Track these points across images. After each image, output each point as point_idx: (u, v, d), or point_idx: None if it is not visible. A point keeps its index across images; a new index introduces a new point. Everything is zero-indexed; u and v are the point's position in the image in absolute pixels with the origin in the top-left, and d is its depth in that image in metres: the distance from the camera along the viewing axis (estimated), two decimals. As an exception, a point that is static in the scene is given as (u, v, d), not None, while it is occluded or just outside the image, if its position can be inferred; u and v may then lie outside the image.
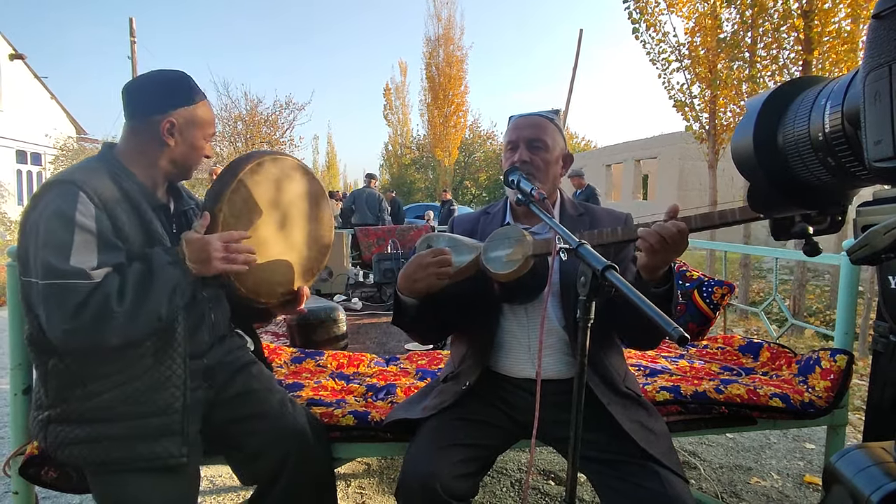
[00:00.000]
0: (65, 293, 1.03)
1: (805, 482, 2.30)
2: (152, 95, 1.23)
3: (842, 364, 1.62)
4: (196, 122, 1.25)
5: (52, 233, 1.06)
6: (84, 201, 1.08)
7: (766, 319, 2.36)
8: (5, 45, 13.54)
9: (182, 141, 1.24)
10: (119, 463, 1.13)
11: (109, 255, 1.10)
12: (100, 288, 1.05)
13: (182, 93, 1.25)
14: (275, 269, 1.36)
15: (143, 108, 1.22)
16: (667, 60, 6.34)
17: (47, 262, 1.04)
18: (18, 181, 14.11)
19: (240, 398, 1.33)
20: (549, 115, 1.38)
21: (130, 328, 1.07)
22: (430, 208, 14.60)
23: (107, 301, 1.04)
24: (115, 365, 1.13)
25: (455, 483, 1.14)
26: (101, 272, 1.07)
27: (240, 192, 1.27)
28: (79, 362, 1.12)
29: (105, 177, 1.16)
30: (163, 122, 1.21)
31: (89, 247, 1.07)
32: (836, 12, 4.73)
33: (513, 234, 1.22)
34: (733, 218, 1.06)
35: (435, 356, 2.14)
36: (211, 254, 1.14)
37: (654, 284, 1.12)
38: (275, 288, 1.38)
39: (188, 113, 1.24)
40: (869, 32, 0.44)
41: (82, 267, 1.04)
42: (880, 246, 0.48)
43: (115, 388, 1.13)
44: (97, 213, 1.09)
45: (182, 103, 1.23)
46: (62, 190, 1.09)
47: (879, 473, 0.53)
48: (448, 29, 23.08)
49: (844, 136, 0.49)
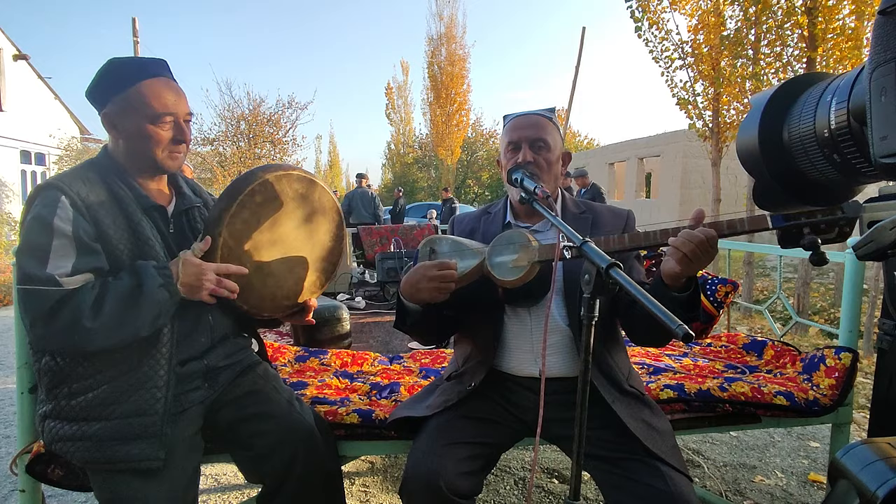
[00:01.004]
0: (35, 299, 1.04)
1: (809, 480, 2.29)
2: (91, 89, 1.19)
3: (846, 362, 1.62)
4: (130, 108, 1.15)
5: (31, 238, 1.07)
6: (64, 206, 1.08)
7: (770, 317, 2.36)
8: (9, 45, 13.58)
9: (124, 133, 1.18)
10: (101, 462, 1.13)
11: (86, 259, 1.09)
12: (72, 297, 1.05)
13: (108, 83, 1.17)
14: (280, 285, 1.34)
15: (93, 101, 1.19)
16: (670, 58, 6.33)
17: (22, 268, 1.06)
18: (23, 181, 14.15)
19: (247, 397, 1.33)
20: (546, 113, 1.38)
21: (106, 341, 1.07)
22: (432, 207, 14.61)
23: (77, 314, 1.04)
24: (97, 366, 1.13)
25: (459, 481, 1.14)
26: (76, 279, 1.07)
27: (241, 215, 1.21)
28: (67, 361, 1.13)
29: (96, 180, 1.16)
30: (102, 118, 1.18)
31: (65, 251, 1.07)
32: (840, 9, 4.71)
33: (517, 239, 1.21)
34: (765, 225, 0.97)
35: (438, 355, 2.14)
36: (203, 283, 1.14)
37: (676, 290, 1.09)
38: (280, 302, 1.36)
39: (119, 101, 1.16)
40: (875, 28, 0.44)
41: (53, 274, 1.04)
42: (886, 242, 0.48)
43: (97, 389, 1.13)
44: (75, 217, 1.08)
45: (112, 93, 1.16)
46: (44, 195, 1.10)
47: (885, 468, 0.53)
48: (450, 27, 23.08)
49: (850, 132, 0.49)
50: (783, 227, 0.68)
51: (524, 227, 1.38)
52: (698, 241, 1.02)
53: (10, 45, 13.63)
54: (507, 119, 1.41)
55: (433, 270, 1.19)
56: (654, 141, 15.51)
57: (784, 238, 0.70)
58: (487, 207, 1.51)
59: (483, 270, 1.23)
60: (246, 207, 1.22)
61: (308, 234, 1.37)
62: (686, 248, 1.02)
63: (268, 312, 1.35)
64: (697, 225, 1.05)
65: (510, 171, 1.29)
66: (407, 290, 1.24)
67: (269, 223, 1.27)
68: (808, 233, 0.67)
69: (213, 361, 1.30)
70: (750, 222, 0.98)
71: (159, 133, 1.17)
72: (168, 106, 1.18)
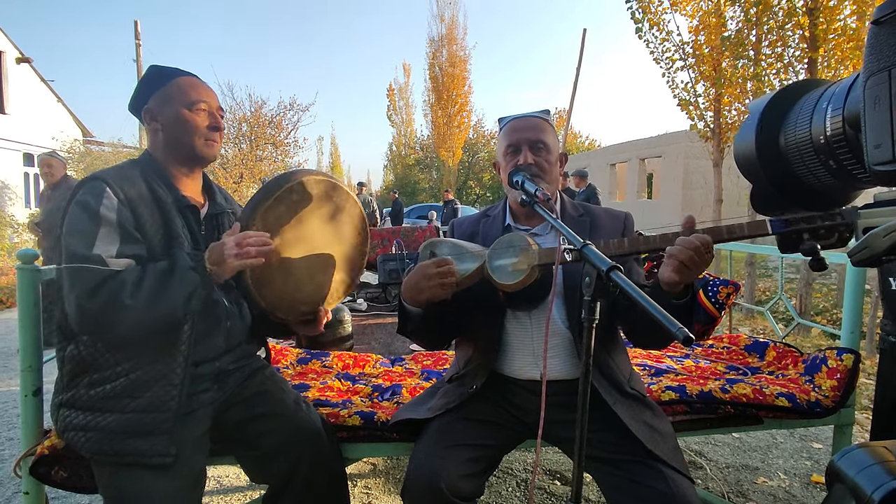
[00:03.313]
0: (83, 275, 1.10)
1: (812, 482, 2.29)
2: (135, 96, 1.32)
3: (848, 363, 1.62)
4: (169, 98, 1.28)
5: (77, 223, 1.15)
6: (109, 196, 1.16)
7: (771, 318, 2.36)
8: (12, 48, 13.64)
9: (163, 122, 1.28)
10: (109, 455, 1.15)
11: (129, 247, 1.16)
12: (116, 276, 1.11)
13: (152, 81, 1.29)
14: (299, 287, 1.34)
15: (135, 109, 1.32)
16: (671, 59, 6.34)
17: (70, 248, 1.13)
18: (26, 184, 14.19)
19: (254, 398, 1.35)
20: (543, 115, 1.39)
21: (142, 321, 1.11)
22: (433, 208, 14.62)
23: (120, 290, 1.09)
24: (118, 357, 1.16)
25: (461, 483, 1.14)
26: (121, 262, 1.13)
27: (274, 210, 1.25)
28: (90, 350, 1.16)
29: (137, 176, 1.24)
30: (144, 114, 1.30)
31: (111, 237, 1.14)
32: (842, 10, 4.71)
33: (517, 242, 1.21)
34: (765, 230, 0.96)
35: (440, 357, 2.14)
36: (224, 252, 1.17)
37: (674, 297, 1.08)
38: (297, 306, 1.36)
39: (160, 94, 1.28)
40: (868, 38, 0.44)
41: (100, 254, 1.11)
42: (880, 248, 0.48)
43: (115, 381, 1.16)
44: (119, 207, 1.16)
45: (154, 89, 1.29)
46: (90, 186, 1.18)
47: (881, 472, 0.53)
48: (451, 29, 23.13)
49: (845, 139, 0.50)
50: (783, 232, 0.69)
51: (524, 229, 1.38)
52: (694, 247, 1.01)
53: (12, 48, 13.69)
54: (504, 121, 1.41)
55: (432, 268, 1.20)
56: (655, 142, 15.51)
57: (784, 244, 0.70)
58: (486, 210, 1.51)
59: (483, 273, 1.24)
60: (282, 203, 1.26)
61: (335, 240, 1.40)
62: (683, 256, 1.02)
63: (282, 313, 1.35)
64: (690, 232, 1.05)
65: (511, 173, 1.29)
66: (408, 293, 1.25)
67: (300, 224, 1.31)
68: (808, 238, 0.67)
69: (224, 365, 1.32)
70: (750, 228, 0.97)
71: (195, 119, 1.28)
72: (202, 95, 1.30)
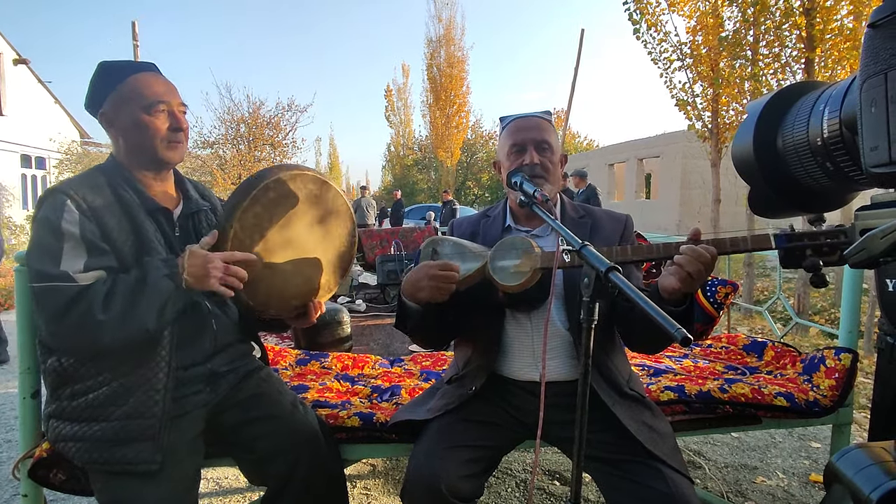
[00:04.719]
0: (51, 295, 1.07)
1: (811, 481, 2.29)
2: (89, 96, 1.23)
3: (846, 363, 1.62)
4: (124, 100, 1.19)
5: (40, 240, 1.12)
6: (69, 209, 1.12)
7: (770, 318, 2.37)
8: (9, 49, 13.60)
9: (121, 128, 1.21)
10: (100, 463, 1.14)
11: (97, 259, 1.12)
12: (86, 292, 1.07)
13: (104, 80, 1.20)
14: (289, 283, 1.31)
15: (91, 110, 1.24)
16: (668, 59, 6.33)
17: (35, 267, 1.10)
18: (23, 185, 14.15)
19: (250, 400, 1.34)
20: (545, 115, 1.39)
21: (115, 336, 1.08)
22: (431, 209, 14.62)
23: (90, 307, 1.06)
24: (98, 368, 1.15)
25: (460, 483, 1.14)
26: (89, 275, 1.09)
27: (252, 209, 1.20)
28: (71, 363, 1.15)
29: (102, 184, 1.19)
30: (100, 118, 1.22)
31: (76, 251, 1.10)
32: (838, 10, 4.72)
33: (520, 244, 1.21)
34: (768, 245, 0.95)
35: (439, 357, 2.15)
36: (210, 272, 1.12)
37: (672, 304, 1.08)
38: (288, 302, 1.34)
39: (115, 96, 1.20)
40: (864, 41, 0.44)
41: (66, 270, 1.08)
42: (877, 250, 0.49)
43: (97, 390, 1.15)
44: (82, 220, 1.12)
45: (108, 89, 1.20)
46: (51, 200, 1.14)
47: (879, 472, 0.54)
48: (449, 30, 23.14)
49: (842, 141, 0.50)
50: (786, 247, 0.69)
51: (524, 230, 1.38)
52: (705, 260, 1.01)
53: (10, 49, 13.65)
54: (506, 121, 1.40)
55: (436, 270, 1.20)
56: (653, 142, 15.52)
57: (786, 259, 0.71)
58: (486, 211, 1.51)
59: (485, 274, 1.24)
60: (258, 202, 1.21)
61: (321, 235, 1.35)
62: (692, 268, 1.02)
63: (274, 311, 1.33)
64: (696, 244, 1.04)
65: (510, 174, 1.29)
66: (408, 290, 1.25)
67: (282, 222, 1.26)
68: (811, 255, 0.67)
69: (216, 366, 1.30)
70: (753, 242, 0.98)
71: (155, 122, 1.20)
72: (159, 94, 1.21)
